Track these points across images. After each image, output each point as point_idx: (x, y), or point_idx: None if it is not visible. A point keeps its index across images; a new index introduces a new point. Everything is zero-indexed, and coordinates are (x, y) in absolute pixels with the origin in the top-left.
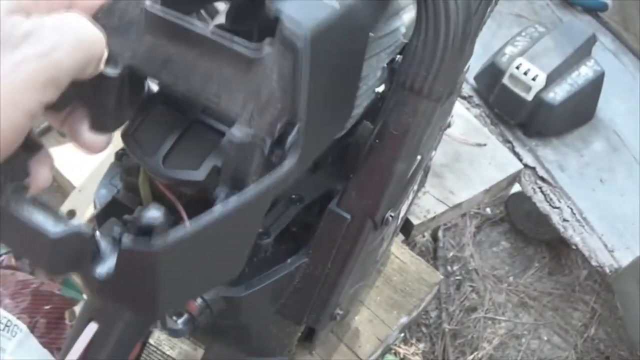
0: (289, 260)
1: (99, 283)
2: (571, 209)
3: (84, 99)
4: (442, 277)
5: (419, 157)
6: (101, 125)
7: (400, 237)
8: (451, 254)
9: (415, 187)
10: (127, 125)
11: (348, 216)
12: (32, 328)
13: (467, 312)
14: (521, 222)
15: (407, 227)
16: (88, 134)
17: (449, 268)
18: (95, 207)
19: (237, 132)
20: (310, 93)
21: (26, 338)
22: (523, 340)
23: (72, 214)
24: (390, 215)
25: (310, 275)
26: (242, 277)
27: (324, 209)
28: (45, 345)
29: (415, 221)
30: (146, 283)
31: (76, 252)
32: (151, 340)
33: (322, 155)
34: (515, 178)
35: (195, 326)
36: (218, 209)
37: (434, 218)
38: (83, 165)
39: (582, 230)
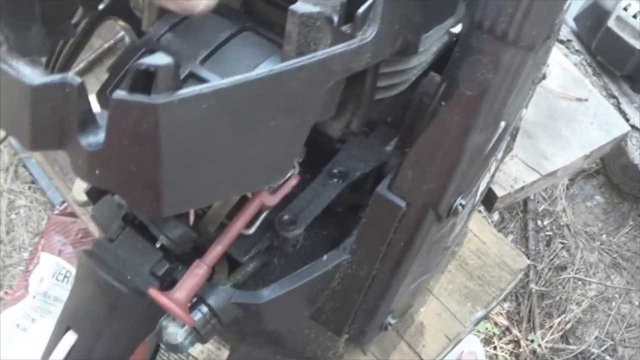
0: (325, 257)
1: (89, 157)
2: None
3: None
4: (528, 262)
5: (502, 124)
6: None
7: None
8: (542, 207)
9: (500, 155)
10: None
11: (403, 203)
12: None
13: (556, 271)
14: (617, 176)
15: (489, 199)
16: None
17: (539, 222)
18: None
19: (302, 5)
20: None
21: None
22: (613, 304)
23: None
24: (461, 204)
25: (353, 277)
26: (261, 276)
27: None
28: None
29: (499, 192)
30: (145, 156)
31: (62, 112)
32: None
33: (378, 115)
34: (620, 141)
35: (201, 339)
36: (254, 73)
37: (522, 188)
38: None
39: None
